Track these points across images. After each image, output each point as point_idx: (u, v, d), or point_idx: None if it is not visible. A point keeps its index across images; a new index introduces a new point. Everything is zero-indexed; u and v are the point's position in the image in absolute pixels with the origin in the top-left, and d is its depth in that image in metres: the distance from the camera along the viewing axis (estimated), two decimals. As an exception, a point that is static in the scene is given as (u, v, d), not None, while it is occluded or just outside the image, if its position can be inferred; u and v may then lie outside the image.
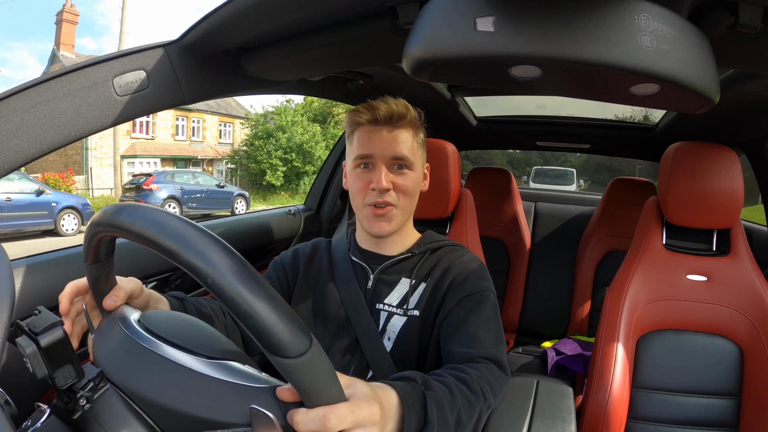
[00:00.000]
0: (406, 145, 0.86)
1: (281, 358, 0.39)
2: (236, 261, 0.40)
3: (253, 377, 0.48)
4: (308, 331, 0.41)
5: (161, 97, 0.79)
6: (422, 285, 0.88)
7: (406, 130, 0.87)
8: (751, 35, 0.59)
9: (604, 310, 1.16)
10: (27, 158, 0.64)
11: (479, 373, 0.71)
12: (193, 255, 0.39)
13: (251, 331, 0.39)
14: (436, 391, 0.61)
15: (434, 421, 0.57)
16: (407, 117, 0.87)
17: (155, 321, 0.54)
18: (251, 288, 0.39)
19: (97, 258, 0.54)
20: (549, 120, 1.94)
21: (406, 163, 0.86)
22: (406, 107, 0.88)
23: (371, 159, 0.86)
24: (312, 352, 0.40)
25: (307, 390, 0.41)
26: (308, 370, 0.40)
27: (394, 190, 0.86)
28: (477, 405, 0.67)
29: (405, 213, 0.89)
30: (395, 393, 0.56)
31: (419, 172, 0.90)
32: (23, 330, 0.45)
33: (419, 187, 0.91)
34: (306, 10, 0.71)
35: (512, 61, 0.51)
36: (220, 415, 0.45)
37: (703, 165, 1.12)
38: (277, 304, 0.39)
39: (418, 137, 0.89)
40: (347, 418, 0.44)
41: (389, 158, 0.85)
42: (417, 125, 0.90)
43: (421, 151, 0.92)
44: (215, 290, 0.39)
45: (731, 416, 1.08)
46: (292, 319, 0.40)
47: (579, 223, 2.12)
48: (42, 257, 0.85)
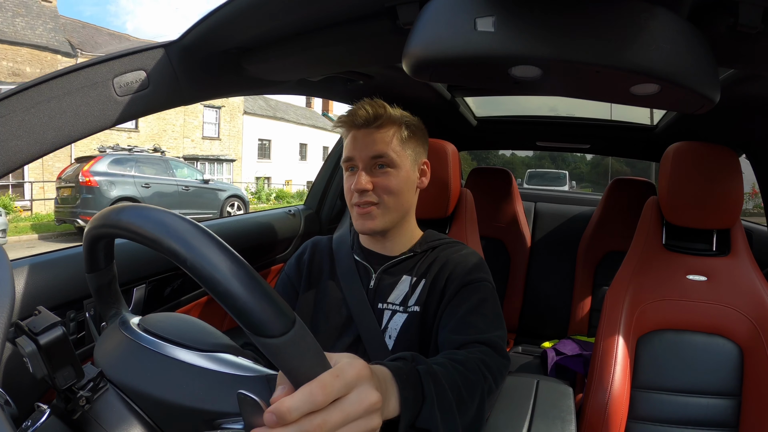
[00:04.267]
0: (383, 142, 0.86)
1: (264, 338, 0.38)
2: (214, 242, 0.39)
3: (244, 367, 0.49)
4: (291, 311, 0.40)
5: (161, 98, 0.79)
6: (422, 281, 0.88)
7: (386, 129, 0.87)
8: (751, 35, 0.59)
9: (604, 310, 1.16)
10: (27, 158, 0.64)
11: (474, 356, 0.69)
12: (173, 240, 0.39)
13: (232, 312, 0.38)
14: (429, 365, 0.58)
15: (432, 395, 0.54)
16: (383, 116, 0.87)
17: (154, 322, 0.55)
18: (230, 267, 0.38)
19: (97, 265, 0.55)
20: (549, 120, 1.94)
21: (387, 161, 0.86)
22: (383, 106, 0.88)
23: (353, 161, 0.88)
24: (295, 330, 0.39)
25: (294, 370, 0.40)
26: (293, 349, 0.39)
27: (376, 189, 0.86)
28: (477, 384, 0.64)
29: (393, 211, 0.88)
30: (386, 369, 0.52)
31: (406, 169, 0.89)
32: (23, 330, 0.45)
33: (408, 184, 0.90)
34: (306, 10, 0.72)
35: (512, 61, 0.51)
36: (212, 405, 0.45)
37: (703, 165, 1.12)
38: (256, 282, 0.39)
39: (400, 134, 0.88)
40: (334, 384, 0.39)
41: (368, 159, 0.86)
42: (398, 122, 0.89)
43: (410, 148, 0.90)
44: (194, 272, 0.38)
45: (731, 416, 1.08)
46: (273, 298, 0.39)
47: (579, 223, 2.12)
48: (42, 257, 0.85)
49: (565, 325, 1.98)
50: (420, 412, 0.52)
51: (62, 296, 0.81)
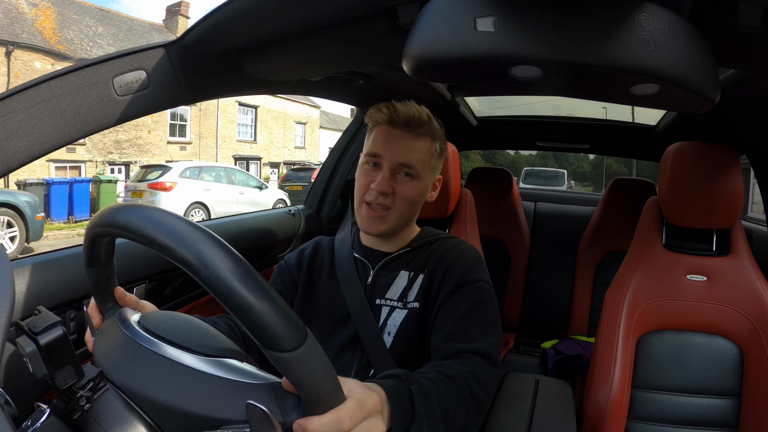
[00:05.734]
0: (417, 153, 0.86)
1: (276, 351, 0.39)
2: (229, 255, 0.39)
3: (250, 374, 0.48)
4: (303, 325, 0.41)
5: (161, 98, 0.79)
6: (420, 276, 0.88)
7: (423, 139, 0.87)
8: (751, 35, 0.59)
9: (604, 310, 1.16)
10: (27, 158, 0.64)
11: (464, 368, 0.71)
12: (186, 250, 0.39)
13: (245, 325, 0.39)
14: (422, 385, 0.61)
15: (422, 414, 0.57)
16: (426, 126, 0.87)
17: (154, 321, 0.54)
18: (244, 281, 0.38)
19: (97, 260, 0.55)
20: (549, 120, 1.94)
21: (413, 172, 0.86)
22: (429, 117, 0.88)
23: (380, 159, 0.86)
24: (307, 345, 0.40)
25: (304, 384, 0.41)
26: (304, 363, 0.40)
27: (395, 195, 0.86)
28: (464, 399, 0.67)
29: (402, 218, 0.89)
30: (381, 389, 0.56)
31: (426, 182, 0.90)
32: (23, 330, 0.45)
33: (423, 196, 0.91)
34: (306, 10, 0.72)
35: (512, 61, 0.51)
36: (218, 412, 0.45)
37: (703, 165, 1.12)
38: (270, 297, 0.39)
39: (434, 148, 0.89)
40: (358, 414, 0.45)
41: (397, 163, 0.85)
42: (436, 136, 0.90)
43: (435, 163, 0.91)
44: (208, 284, 0.38)
45: (731, 416, 1.08)
46: (286, 312, 0.39)
47: (579, 223, 2.12)
48: (42, 257, 0.85)
49: (565, 325, 1.98)
50: (408, 429, 0.56)
51: (62, 296, 0.81)
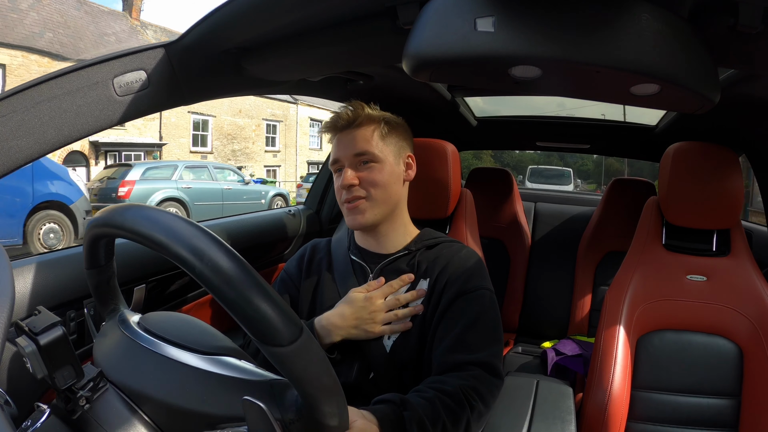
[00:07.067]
0: (364, 139, 0.89)
1: (272, 346, 0.39)
2: (223, 250, 0.39)
3: (248, 371, 0.48)
4: (299, 320, 0.41)
5: (162, 97, 0.79)
6: (421, 282, 0.88)
7: (365, 127, 0.90)
8: (751, 35, 0.59)
9: (604, 310, 1.16)
10: (27, 158, 0.64)
11: (464, 383, 0.72)
12: (181, 247, 0.39)
13: (240, 320, 0.38)
14: (415, 411, 0.63)
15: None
16: (361, 115, 0.90)
17: (154, 322, 0.55)
18: (239, 276, 0.38)
19: (97, 262, 0.55)
20: (549, 120, 1.94)
21: (370, 157, 0.89)
22: (361, 107, 0.91)
23: (340, 162, 0.91)
24: (303, 340, 0.39)
25: (300, 379, 0.41)
26: (299, 358, 0.40)
27: (363, 183, 0.88)
28: (463, 415, 0.69)
29: (381, 204, 0.89)
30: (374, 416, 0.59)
31: (390, 162, 0.91)
32: (23, 330, 0.45)
33: (394, 177, 0.91)
34: (306, 10, 0.71)
35: (512, 61, 0.51)
36: (216, 409, 0.45)
37: (703, 165, 1.12)
38: (265, 291, 0.39)
39: (380, 130, 0.91)
40: None
41: (352, 157, 0.89)
42: (377, 119, 0.91)
43: (392, 143, 0.92)
44: (203, 279, 0.38)
45: (731, 416, 1.08)
46: (281, 307, 0.39)
47: (579, 223, 2.12)
48: (42, 257, 0.85)
49: (565, 325, 1.98)
50: None
51: (62, 296, 0.81)
